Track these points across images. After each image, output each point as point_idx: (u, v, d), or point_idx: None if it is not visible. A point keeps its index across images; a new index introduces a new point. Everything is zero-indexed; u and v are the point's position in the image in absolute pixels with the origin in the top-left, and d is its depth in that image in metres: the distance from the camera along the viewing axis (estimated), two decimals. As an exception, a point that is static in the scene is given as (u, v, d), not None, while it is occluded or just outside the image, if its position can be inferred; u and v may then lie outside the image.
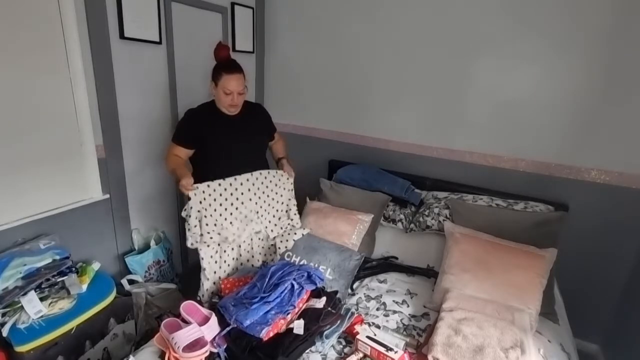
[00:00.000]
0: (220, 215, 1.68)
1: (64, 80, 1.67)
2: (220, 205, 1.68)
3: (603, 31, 1.74)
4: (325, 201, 2.17)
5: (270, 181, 1.87)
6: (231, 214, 1.72)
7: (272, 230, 1.90)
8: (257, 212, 1.82)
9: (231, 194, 1.72)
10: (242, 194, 1.75)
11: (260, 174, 1.83)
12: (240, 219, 1.75)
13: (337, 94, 2.53)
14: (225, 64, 1.70)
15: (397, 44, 2.24)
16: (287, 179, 1.94)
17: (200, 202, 1.63)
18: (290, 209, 1.98)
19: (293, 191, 1.99)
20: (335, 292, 1.57)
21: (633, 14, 1.67)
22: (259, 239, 1.85)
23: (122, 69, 1.88)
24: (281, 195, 1.92)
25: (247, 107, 1.84)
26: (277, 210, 1.92)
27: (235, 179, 1.73)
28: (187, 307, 1.39)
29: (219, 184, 1.68)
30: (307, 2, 2.49)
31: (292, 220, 1.98)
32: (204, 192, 1.64)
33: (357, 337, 1.31)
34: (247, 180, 1.77)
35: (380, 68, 2.33)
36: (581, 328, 1.90)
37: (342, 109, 2.54)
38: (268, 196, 1.86)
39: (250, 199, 1.78)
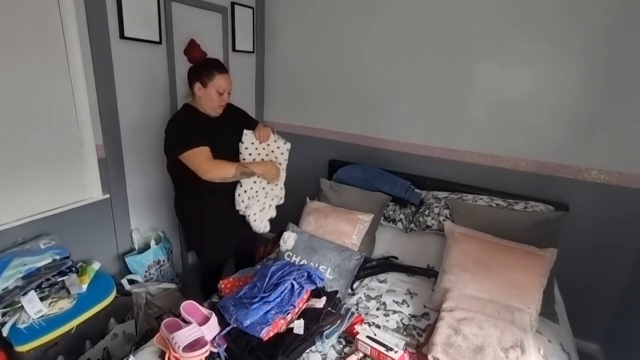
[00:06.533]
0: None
1: (64, 80, 1.67)
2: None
3: (602, 31, 1.74)
4: (325, 201, 2.17)
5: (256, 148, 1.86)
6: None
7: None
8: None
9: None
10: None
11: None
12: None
13: (337, 94, 2.53)
14: (214, 63, 1.69)
15: (397, 44, 2.24)
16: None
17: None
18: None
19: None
20: (335, 292, 1.57)
21: (632, 14, 1.67)
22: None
23: (122, 69, 1.88)
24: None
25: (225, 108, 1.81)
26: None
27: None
28: (187, 307, 1.39)
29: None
30: (307, 1, 2.49)
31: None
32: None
33: (357, 337, 1.31)
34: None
35: (380, 68, 2.33)
36: (581, 328, 1.90)
37: (342, 109, 2.54)
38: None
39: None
